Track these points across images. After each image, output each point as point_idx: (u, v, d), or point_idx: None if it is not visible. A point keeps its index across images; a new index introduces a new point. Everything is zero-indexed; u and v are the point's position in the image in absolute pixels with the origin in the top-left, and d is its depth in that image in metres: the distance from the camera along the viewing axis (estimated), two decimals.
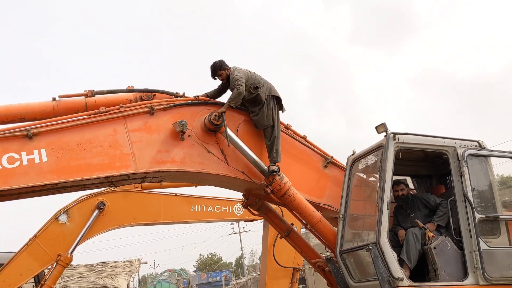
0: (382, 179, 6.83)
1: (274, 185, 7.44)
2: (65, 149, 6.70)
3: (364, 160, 7.55)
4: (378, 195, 6.83)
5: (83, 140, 6.83)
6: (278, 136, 7.66)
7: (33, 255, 9.91)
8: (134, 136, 7.09)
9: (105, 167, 6.84)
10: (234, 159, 7.60)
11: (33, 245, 10.03)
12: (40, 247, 9.99)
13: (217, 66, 7.67)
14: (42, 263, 10.03)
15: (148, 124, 7.26)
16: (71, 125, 6.83)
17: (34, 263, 9.91)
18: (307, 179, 8.08)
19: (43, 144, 6.62)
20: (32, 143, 6.56)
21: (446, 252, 6.80)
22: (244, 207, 8.65)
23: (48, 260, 10.00)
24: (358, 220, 7.59)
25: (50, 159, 6.59)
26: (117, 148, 6.96)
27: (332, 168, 8.33)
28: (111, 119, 7.05)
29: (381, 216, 6.66)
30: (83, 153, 6.78)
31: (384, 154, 6.96)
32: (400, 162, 7.05)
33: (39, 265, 10.01)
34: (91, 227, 10.64)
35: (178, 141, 7.31)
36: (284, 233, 8.46)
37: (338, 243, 7.43)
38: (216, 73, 7.69)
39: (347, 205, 7.59)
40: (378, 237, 6.59)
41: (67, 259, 9.95)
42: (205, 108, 7.66)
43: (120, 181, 7.15)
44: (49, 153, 6.60)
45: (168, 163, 7.20)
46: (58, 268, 9.93)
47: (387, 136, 7.05)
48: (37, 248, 9.99)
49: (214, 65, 7.69)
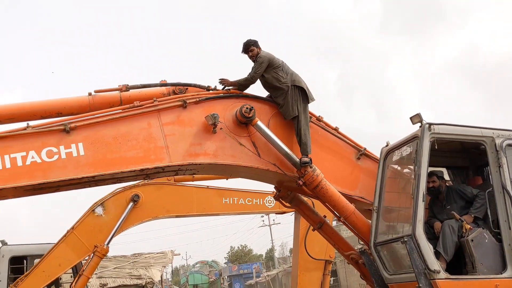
0: (417, 171, 6.75)
1: (306, 177, 7.42)
2: (101, 142, 6.82)
3: (399, 152, 7.47)
4: (413, 187, 6.74)
5: (118, 134, 6.93)
6: (305, 128, 7.59)
7: (71, 246, 10.15)
8: (168, 130, 7.17)
9: (140, 160, 6.94)
10: (266, 151, 7.61)
11: (71, 236, 10.27)
12: (77, 239, 10.22)
13: (251, 42, 7.80)
14: (80, 254, 10.27)
15: (181, 117, 7.33)
16: (107, 119, 6.94)
17: (72, 254, 10.16)
18: (340, 171, 8.04)
19: (80, 138, 6.75)
20: (69, 137, 6.70)
21: (484, 245, 6.70)
22: (276, 200, 8.68)
23: (85, 251, 10.23)
24: (393, 212, 7.53)
25: (87, 152, 6.72)
26: (151, 141, 7.05)
27: (365, 160, 8.26)
28: (145, 113, 7.14)
29: (417, 208, 6.59)
30: (119, 146, 6.89)
31: (419, 145, 6.87)
32: (435, 153, 6.95)
33: (76, 256, 10.24)
34: (126, 219, 10.83)
35: (211, 134, 7.36)
36: (317, 225, 8.45)
37: (372, 235, 7.39)
38: (248, 48, 7.81)
39: (381, 197, 7.53)
40: (414, 229, 6.52)
41: (103, 250, 10.17)
42: (236, 100, 7.70)
43: (154, 174, 7.25)
44: (86, 146, 6.72)
45: (201, 155, 7.26)
46: (95, 259, 10.16)
47: (422, 126, 6.93)
48: (74, 240, 10.23)
49: (249, 40, 7.81)
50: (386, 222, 7.47)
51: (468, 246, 6.66)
